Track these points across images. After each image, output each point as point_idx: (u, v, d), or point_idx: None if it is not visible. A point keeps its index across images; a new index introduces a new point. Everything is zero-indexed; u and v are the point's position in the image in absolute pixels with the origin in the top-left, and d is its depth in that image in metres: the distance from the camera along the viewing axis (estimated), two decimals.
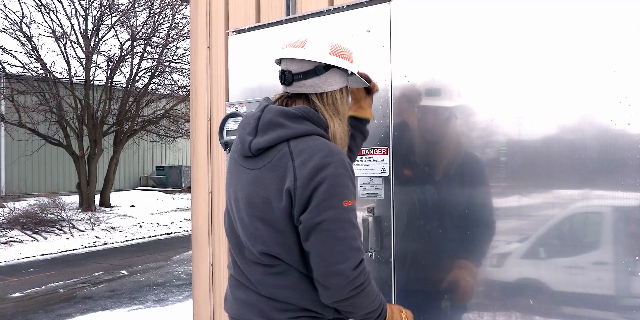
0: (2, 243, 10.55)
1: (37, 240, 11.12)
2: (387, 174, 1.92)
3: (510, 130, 1.69)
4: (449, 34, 1.82)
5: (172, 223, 14.18)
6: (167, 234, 12.97)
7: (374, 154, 1.94)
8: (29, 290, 7.55)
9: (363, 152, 1.97)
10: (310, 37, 1.55)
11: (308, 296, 1.44)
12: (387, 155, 1.92)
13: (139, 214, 15.27)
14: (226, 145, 1.97)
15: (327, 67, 1.52)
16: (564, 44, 1.61)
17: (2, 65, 14.50)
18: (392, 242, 1.89)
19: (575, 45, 1.59)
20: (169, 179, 21.34)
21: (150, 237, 12.52)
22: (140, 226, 13.62)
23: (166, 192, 20.29)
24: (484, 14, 1.75)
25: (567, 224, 1.61)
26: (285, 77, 1.53)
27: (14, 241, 10.77)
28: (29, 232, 11.44)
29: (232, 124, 1.97)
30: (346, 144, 1.58)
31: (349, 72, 1.56)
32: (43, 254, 10.21)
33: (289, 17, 2.22)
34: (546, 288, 1.63)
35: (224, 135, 1.99)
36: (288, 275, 1.46)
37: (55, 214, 12.47)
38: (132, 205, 16.57)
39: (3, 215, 11.92)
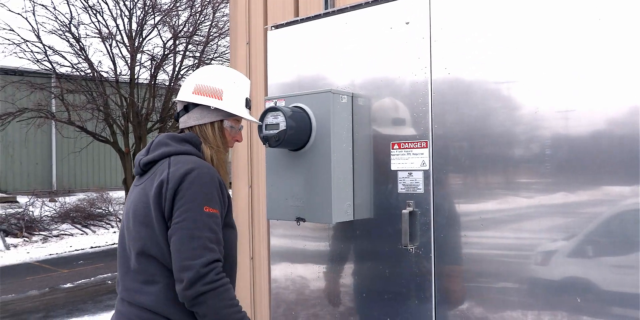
0: (54, 236, 11.01)
1: (87, 234, 11.54)
2: (426, 168, 1.89)
3: (557, 124, 1.63)
4: (490, 24, 1.77)
5: None
6: None
7: (413, 148, 1.92)
8: (79, 282, 7.85)
9: (402, 145, 1.95)
10: (187, 80, 1.83)
11: (172, 305, 1.56)
12: (427, 149, 1.89)
13: None
14: (265, 140, 1.99)
15: (196, 105, 1.76)
16: (613, 32, 1.54)
17: (52, 65, 15.06)
18: (432, 236, 1.86)
19: (625, 33, 1.52)
20: None
21: None
22: None
23: None
24: (528, 2, 1.69)
25: (616, 221, 1.55)
26: (175, 117, 1.85)
27: (65, 234, 11.22)
28: (78, 226, 11.88)
29: (271, 118, 1.98)
30: (226, 172, 1.77)
31: (212, 107, 1.74)
32: (92, 247, 10.59)
33: (327, 11, 2.21)
34: (594, 287, 1.58)
35: (263, 129, 2.00)
36: (157, 282, 1.59)
37: (103, 208, 12.91)
38: None
39: (55, 210, 12.42)
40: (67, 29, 15.13)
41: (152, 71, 16.19)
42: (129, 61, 15.99)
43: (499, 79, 1.75)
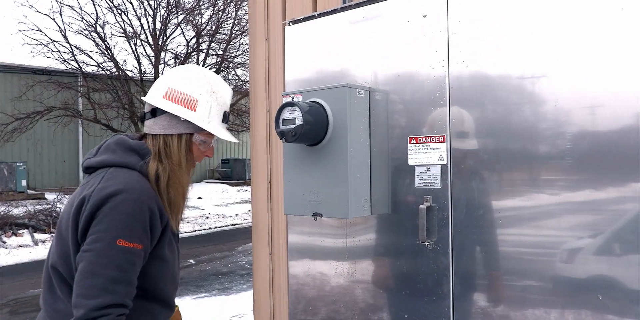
0: None
1: None
2: (444, 163, 1.87)
3: (583, 120, 1.59)
4: (510, 16, 1.74)
5: (236, 214, 14.57)
6: (232, 225, 13.35)
7: (430, 142, 1.90)
8: None
9: (419, 140, 1.93)
10: (159, 80, 1.60)
11: None
12: (445, 144, 1.86)
13: (206, 206, 15.80)
14: (282, 135, 1.99)
15: (165, 111, 1.55)
16: (637, 21, 1.50)
17: (79, 64, 15.38)
18: (450, 232, 1.84)
19: None
20: (234, 172, 21.89)
21: (216, 228, 12.94)
22: (207, 217, 14.09)
23: (231, 184, 20.84)
24: None
25: None
26: (141, 117, 1.62)
27: None
28: None
29: (287, 114, 1.98)
30: (178, 192, 1.55)
31: (182, 119, 1.55)
32: None
33: (344, 6, 2.20)
34: (620, 285, 1.54)
35: (280, 124, 2.00)
36: (63, 302, 1.47)
37: None
38: (199, 197, 17.16)
39: None
40: (93, 29, 15.43)
41: None
42: (153, 60, 16.23)
43: (521, 73, 1.72)
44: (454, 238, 1.84)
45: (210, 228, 12.84)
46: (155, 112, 1.58)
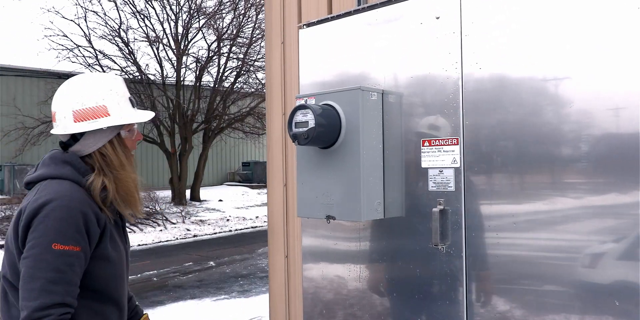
0: None
1: (135, 232, 11.91)
2: (457, 165, 1.85)
3: (606, 123, 1.55)
4: (525, 17, 1.71)
5: (257, 217, 14.64)
6: (252, 227, 13.41)
7: (443, 145, 1.88)
8: None
9: (432, 142, 1.91)
10: (57, 110, 1.65)
11: None
12: (458, 146, 1.85)
13: (226, 208, 15.91)
14: (294, 137, 1.99)
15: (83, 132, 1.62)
16: None
17: (103, 69, 15.66)
18: (464, 236, 1.82)
19: None
20: (254, 175, 22.02)
21: (236, 230, 13.01)
22: (227, 220, 14.19)
23: (252, 187, 20.96)
24: None
25: None
26: (62, 146, 1.68)
27: None
28: (127, 224, 12.26)
29: (300, 116, 1.99)
30: (130, 188, 1.66)
31: (105, 128, 1.61)
32: (139, 244, 10.92)
33: (357, 8, 2.19)
34: None
35: (293, 127, 2.01)
36: (16, 306, 1.53)
37: (150, 207, 13.28)
38: (220, 200, 17.30)
39: None
40: (117, 34, 15.70)
41: (197, 73, 16.59)
42: (175, 64, 16.44)
43: (538, 74, 1.69)
44: (468, 242, 1.82)
45: (230, 230, 12.93)
46: (75, 137, 1.65)
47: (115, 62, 15.82)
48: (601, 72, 1.57)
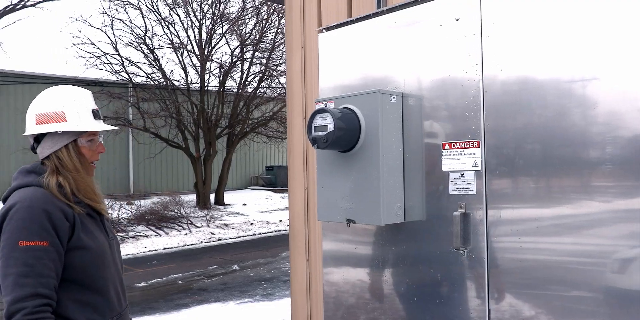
0: (131, 237, 11.59)
1: (160, 235, 12.07)
2: (479, 168, 1.82)
3: (635, 124, 1.51)
4: (547, 17, 1.68)
5: (280, 221, 14.68)
6: (275, 231, 13.45)
7: (464, 148, 1.86)
8: (152, 281, 8.21)
9: (453, 145, 1.89)
10: (27, 113, 1.80)
11: None
12: (479, 149, 1.82)
13: (250, 212, 15.99)
14: (314, 141, 1.99)
15: (44, 135, 1.76)
16: None
17: (129, 75, 15.94)
18: (486, 239, 1.80)
19: None
20: (278, 179, 22.09)
21: (260, 234, 13.07)
22: (251, 224, 14.25)
23: (275, 191, 21.03)
24: None
25: None
26: (32, 150, 1.83)
27: (140, 235, 11.79)
28: (153, 228, 12.45)
29: (319, 120, 1.99)
30: (87, 190, 1.78)
31: (60, 132, 1.74)
32: (165, 248, 11.06)
33: (376, 11, 2.19)
34: None
35: (312, 131, 2.01)
36: None
37: (176, 211, 13.45)
38: (244, 204, 17.40)
39: (131, 212, 13.09)
40: (142, 41, 15.97)
41: (221, 78, 16.75)
42: (199, 69, 16.64)
43: (560, 75, 1.66)
44: (490, 246, 1.79)
45: (254, 234, 12.99)
46: (38, 139, 1.80)
47: (141, 69, 16.10)
48: (630, 73, 1.53)
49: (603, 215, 1.58)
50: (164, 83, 16.04)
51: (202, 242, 11.81)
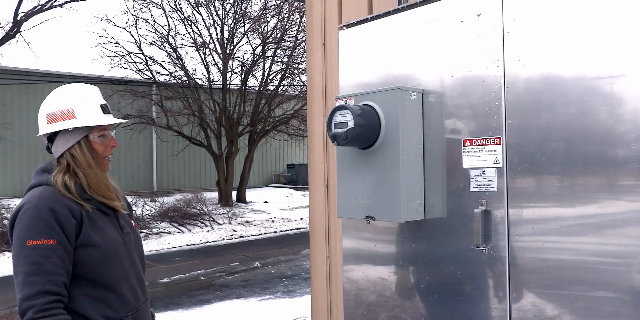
0: (154, 234, 11.75)
1: (183, 232, 12.21)
2: (500, 165, 1.80)
3: None
4: (572, 12, 1.66)
5: (301, 218, 14.72)
6: (296, 229, 13.50)
7: (485, 144, 1.84)
8: (175, 277, 8.32)
9: (474, 142, 1.88)
10: (38, 114, 1.83)
11: None
12: (500, 146, 1.80)
13: (272, 210, 16.07)
14: (334, 138, 2.00)
15: (57, 133, 1.78)
16: None
17: (152, 74, 16.13)
18: (507, 237, 1.78)
19: None
20: (299, 177, 22.14)
21: (281, 231, 13.13)
22: (273, 221, 14.33)
23: (296, 188, 21.09)
24: None
25: None
26: (47, 150, 1.85)
27: (164, 232, 11.94)
28: (176, 224, 12.60)
29: (339, 117, 1.99)
30: (100, 187, 1.79)
31: (71, 128, 1.76)
32: (187, 245, 11.19)
33: (396, 8, 2.18)
34: None
35: (332, 128, 2.01)
36: None
37: (198, 208, 13.58)
38: (265, 201, 17.49)
39: (155, 209, 13.27)
40: (166, 40, 16.14)
41: (243, 77, 16.85)
42: (221, 68, 16.75)
43: (585, 72, 1.63)
44: (511, 244, 1.77)
45: (275, 231, 13.05)
46: (51, 138, 1.82)
47: (164, 68, 16.27)
48: None
49: (628, 215, 1.55)
50: (187, 81, 16.19)
51: (224, 239, 11.92)
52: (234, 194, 17.19)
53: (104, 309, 1.72)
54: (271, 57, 17.04)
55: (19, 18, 13.93)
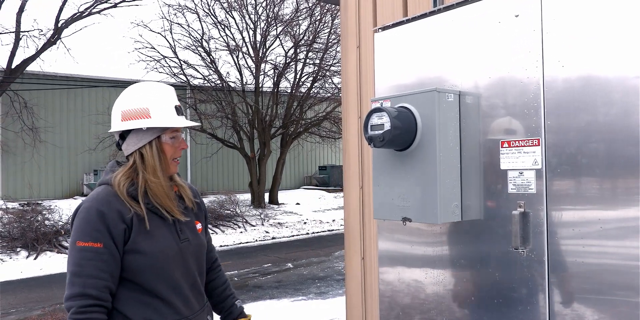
0: None
1: (216, 233, 12.38)
2: (539, 167, 1.79)
3: None
4: (610, 11, 1.63)
5: (333, 220, 14.74)
6: (329, 230, 13.52)
7: (524, 146, 1.83)
8: None
9: (512, 144, 1.86)
10: (112, 110, 1.84)
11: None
12: (539, 147, 1.79)
13: (304, 211, 16.14)
14: (370, 140, 2.01)
15: (129, 131, 1.78)
16: None
17: (187, 78, 16.44)
18: (546, 239, 1.76)
19: None
20: (331, 178, 22.18)
21: (313, 233, 13.18)
22: (305, 223, 14.39)
23: (328, 190, 21.12)
24: None
25: None
26: (117, 146, 1.86)
27: None
28: (209, 226, 12.77)
29: (376, 119, 2.01)
30: (158, 194, 1.76)
31: (145, 128, 1.75)
32: (221, 246, 11.34)
33: (432, 10, 2.18)
34: None
35: (368, 130, 2.03)
36: None
37: (231, 210, 13.75)
38: (297, 203, 17.57)
39: None
40: (200, 44, 16.43)
41: (275, 79, 17.00)
42: (253, 71, 16.95)
43: (627, 72, 1.60)
44: (550, 247, 1.75)
45: (307, 233, 13.11)
46: (123, 136, 1.81)
47: (198, 71, 16.56)
48: None
49: None
50: (220, 85, 16.44)
51: (256, 240, 12.03)
52: (267, 195, 17.34)
53: (151, 314, 1.71)
54: (303, 60, 17.15)
55: (59, 25, 14.40)
